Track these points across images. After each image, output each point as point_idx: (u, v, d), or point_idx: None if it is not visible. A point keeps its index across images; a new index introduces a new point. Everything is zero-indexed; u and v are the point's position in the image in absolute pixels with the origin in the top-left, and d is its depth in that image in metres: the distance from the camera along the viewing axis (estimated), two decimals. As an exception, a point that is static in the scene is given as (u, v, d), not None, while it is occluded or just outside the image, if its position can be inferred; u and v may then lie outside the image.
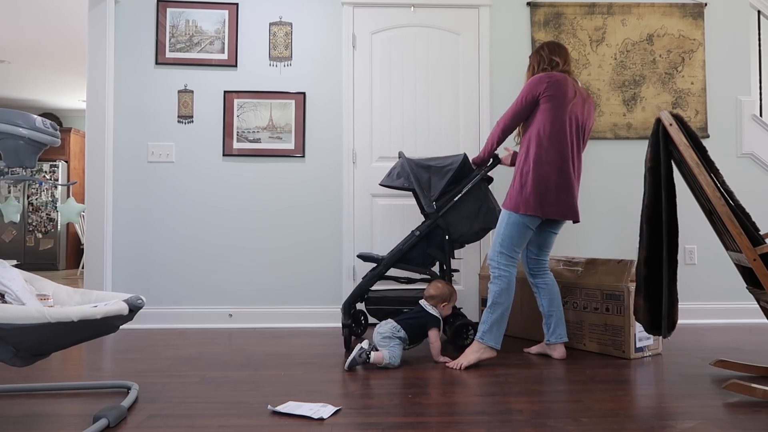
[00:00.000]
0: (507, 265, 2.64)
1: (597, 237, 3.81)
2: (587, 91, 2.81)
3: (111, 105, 3.64)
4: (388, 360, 2.55)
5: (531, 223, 2.64)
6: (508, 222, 2.65)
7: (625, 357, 2.76)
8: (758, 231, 2.14)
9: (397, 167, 3.09)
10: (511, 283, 2.64)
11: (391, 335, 2.62)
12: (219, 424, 1.85)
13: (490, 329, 2.61)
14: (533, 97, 2.65)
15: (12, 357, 1.75)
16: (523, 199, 2.60)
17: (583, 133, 2.74)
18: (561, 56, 2.77)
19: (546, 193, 2.59)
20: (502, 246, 2.66)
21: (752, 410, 1.97)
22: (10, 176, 1.97)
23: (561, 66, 2.75)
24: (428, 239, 3.01)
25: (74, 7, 4.93)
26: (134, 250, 3.67)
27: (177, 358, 2.80)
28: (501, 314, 2.62)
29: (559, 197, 2.61)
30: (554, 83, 2.63)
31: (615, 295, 2.82)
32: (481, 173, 2.97)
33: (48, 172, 8.19)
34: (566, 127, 2.63)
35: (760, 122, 3.86)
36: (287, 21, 3.76)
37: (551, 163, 2.60)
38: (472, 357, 2.60)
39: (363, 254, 3.08)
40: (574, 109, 2.66)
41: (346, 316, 2.99)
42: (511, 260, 2.65)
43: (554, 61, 2.75)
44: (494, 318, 2.61)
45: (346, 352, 2.90)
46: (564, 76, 2.68)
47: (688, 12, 3.86)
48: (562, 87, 2.63)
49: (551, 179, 2.60)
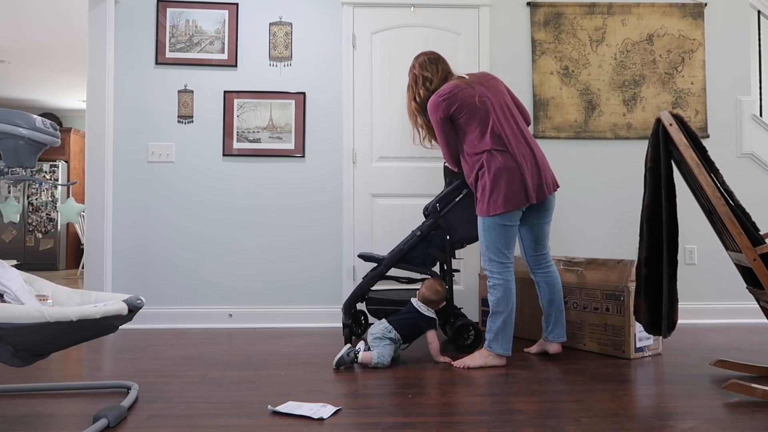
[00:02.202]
0: (500, 272, 2.61)
1: (597, 237, 3.81)
2: (481, 72, 2.81)
3: (111, 105, 3.64)
4: (376, 360, 2.55)
5: (507, 221, 2.59)
6: (485, 227, 2.63)
7: (625, 357, 2.76)
8: (758, 231, 2.14)
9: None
10: (508, 290, 2.60)
11: (382, 336, 2.62)
12: (219, 424, 1.85)
13: (495, 338, 2.60)
14: (443, 119, 2.67)
15: (11, 357, 1.75)
16: (491, 201, 2.58)
17: (509, 109, 2.71)
18: (432, 69, 2.80)
19: (508, 185, 2.56)
20: (488, 252, 2.63)
21: (752, 410, 1.97)
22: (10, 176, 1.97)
23: (436, 80, 2.78)
24: (429, 239, 3.01)
25: (74, 7, 4.93)
26: (134, 250, 3.66)
27: (177, 358, 2.80)
28: (503, 322, 2.59)
29: (522, 183, 2.57)
30: (448, 98, 2.65)
31: (615, 295, 2.81)
32: None
33: (48, 172, 8.19)
34: (489, 121, 2.62)
35: (760, 122, 3.86)
36: (287, 21, 3.76)
37: (497, 158, 2.58)
38: (479, 361, 2.59)
39: (364, 254, 3.08)
40: (483, 100, 2.64)
41: (347, 316, 2.99)
42: (502, 266, 2.61)
43: (427, 78, 2.79)
44: (497, 326, 2.59)
45: (331, 353, 2.89)
46: (449, 84, 2.69)
47: (688, 12, 3.86)
48: (457, 95, 2.64)
49: (505, 172, 2.56)
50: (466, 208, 2.96)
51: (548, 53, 3.81)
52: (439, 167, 3.75)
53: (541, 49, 3.81)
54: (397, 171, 3.75)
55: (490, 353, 2.60)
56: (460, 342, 2.91)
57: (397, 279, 3.15)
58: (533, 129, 3.78)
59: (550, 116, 3.79)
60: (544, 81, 3.80)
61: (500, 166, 2.57)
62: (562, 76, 3.81)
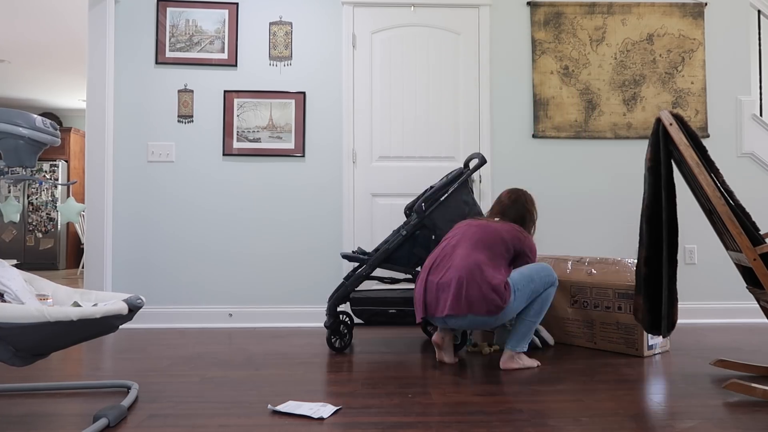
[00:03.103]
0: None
1: (597, 236, 3.81)
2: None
3: (111, 104, 3.64)
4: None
5: None
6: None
7: (638, 355, 2.78)
8: (758, 231, 2.14)
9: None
10: None
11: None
12: (219, 424, 1.85)
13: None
14: None
15: (11, 356, 1.75)
16: None
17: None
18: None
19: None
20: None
21: (752, 410, 1.97)
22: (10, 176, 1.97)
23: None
24: (414, 239, 2.97)
25: (74, 6, 4.93)
26: (134, 250, 3.66)
27: (177, 358, 2.80)
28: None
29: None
30: None
31: (629, 294, 2.82)
32: (467, 173, 2.98)
33: (48, 171, 8.19)
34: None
35: (760, 122, 3.86)
36: (287, 20, 3.76)
37: None
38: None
39: (346, 254, 3.02)
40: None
41: (331, 318, 2.92)
42: None
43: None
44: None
45: (331, 353, 2.89)
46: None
47: (688, 12, 3.86)
48: None
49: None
50: (452, 207, 2.94)
51: (548, 53, 3.81)
52: (439, 167, 3.75)
53: (541, 48, 3.81)
54: (398, 170, 3.75)
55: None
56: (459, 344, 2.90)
57: (380, 279, 3.12)
58: (533, 128, 3.79)
59: (550, 116, 3.79)
60: (544, 81, 3.80)
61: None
62: (562, 76, 3.81)
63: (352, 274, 3.02)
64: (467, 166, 3.10)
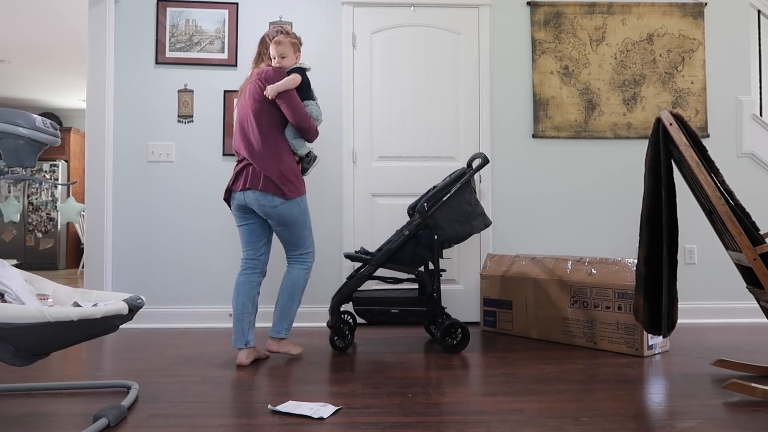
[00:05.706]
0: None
1: (597, 237, 3.81)
2: (258, 72, 2.75)
3: (111, 104, 3.64)
4: None
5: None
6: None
7: (639, 355, 2.78)
8: (758, 230, 2.14)
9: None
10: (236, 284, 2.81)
11: None
12: (219, 424, 1.85)
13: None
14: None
15: (12, 356, 1.75)
16: None
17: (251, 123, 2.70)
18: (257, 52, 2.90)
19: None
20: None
21: (752, 410, 1.97)
22: (10, 176, 1.97)
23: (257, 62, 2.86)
24: (417, 239, 2.97)
25: (74, 6, 4.93)
26: (134, 250, 3.66)
27: (177, 357, 2.80)
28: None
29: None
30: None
31: (629, 294, 2.83)
32: (470, 173, 2.97)
33: (48, 171, 8.19)
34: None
35: (760, 122, 3.86)
36: (287, 20, 3.76)
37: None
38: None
39: (349, 254, 3.02)
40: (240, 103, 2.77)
41: (334, 318, 2.92)
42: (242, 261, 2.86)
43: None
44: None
45: (331, 352, 2.89)
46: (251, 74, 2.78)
47: (688, 11, 3.86)
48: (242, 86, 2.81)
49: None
50: (454, 207, 2.94)
51: (548, 53, 3.81)
52: (440, 167, 3.75)
53: (541, 48, 3.81)
54: (398, 170, 3.75)
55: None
56: (447, 342, 2.89)
57: (383, 279, 3.11)
58: (533, 128, 3.79)
59: (550, 116, 3.79)
60: (544, 80, 3.80)
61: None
62: (562, 76, 3.81)
63: (354, 273, 3.02)
64: (470, 165, 3.10)
